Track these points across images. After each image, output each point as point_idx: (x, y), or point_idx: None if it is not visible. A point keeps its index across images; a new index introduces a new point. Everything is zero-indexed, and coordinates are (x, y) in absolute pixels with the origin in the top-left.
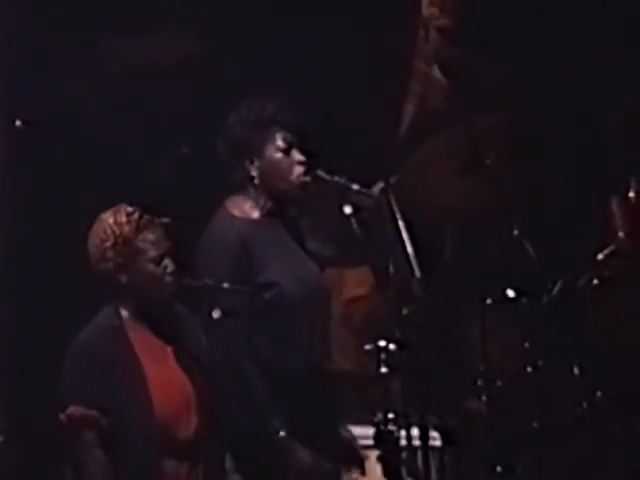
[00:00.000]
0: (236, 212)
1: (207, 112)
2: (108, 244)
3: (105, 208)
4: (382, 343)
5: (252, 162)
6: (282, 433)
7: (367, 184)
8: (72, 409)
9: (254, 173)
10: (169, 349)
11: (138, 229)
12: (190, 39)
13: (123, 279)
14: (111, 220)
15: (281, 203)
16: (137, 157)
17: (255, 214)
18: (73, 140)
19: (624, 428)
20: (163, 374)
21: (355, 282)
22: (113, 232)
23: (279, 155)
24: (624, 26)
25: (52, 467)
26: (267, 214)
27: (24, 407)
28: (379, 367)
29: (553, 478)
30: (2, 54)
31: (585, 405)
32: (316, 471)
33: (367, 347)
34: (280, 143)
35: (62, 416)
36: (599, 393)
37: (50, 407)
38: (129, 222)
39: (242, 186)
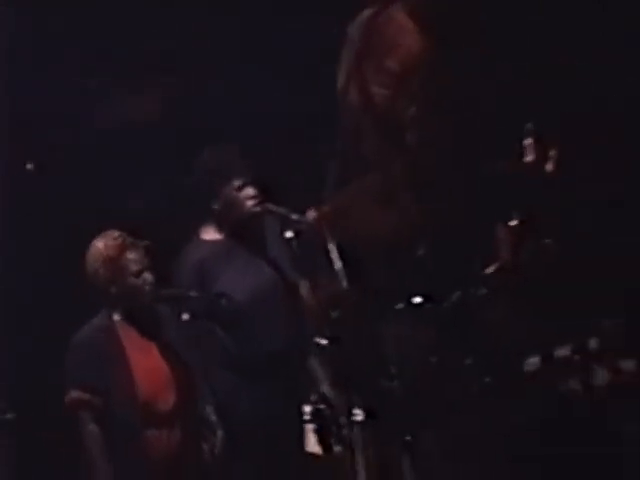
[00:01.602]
0: (205, 237)
1: (180, 156)
2: (99, 263)
3: (98, 232)
4: (316, 339)
5: (215, 198)
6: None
7: (303, 213)
8: (72, 393)
9: (216, 206)
10: (153, 344)
11: (122, 250)
12: (158, 98)
13: (113, 289)
14: (101, 244)
15: (239, 229)
16: (125, 191)
17: (218, 237)
18: (74, 180)
19: (505, 406)
20: (146, 363)
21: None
22: (102, 254)
23: (235, 192)
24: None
25: (57, 440)
26: (228, 237)
27: (34, 391)
28: (314, 357)
29: (451, 445)
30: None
31: (476, 388)
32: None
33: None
34: (235, 183)
35: (65, 398)
36: (487, 378)
37: (56, 392)
38: (115, 245)
39: (210, 216)
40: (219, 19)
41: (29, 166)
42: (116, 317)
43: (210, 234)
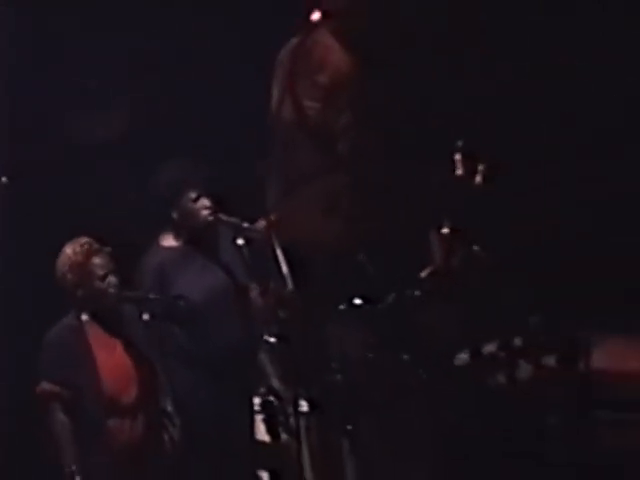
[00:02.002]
0: (164, 244)
1: (143, 171)
2: (67, 267)
3: (68, 239)
4: (265, 337)
5: (173, 208)
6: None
7: (253, 222)
8: (44, 385)
9: (174, 216)
10: (117, 341)
11: (89, 256)
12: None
13: (80, 292)
14: (69, 250)
15: (195, 236)
16: (92, 202)
17: (175, 244)
18: (47, 191)
19: (438, 398)
20: (111, 360)
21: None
22: (70, 259)
23: (191, 203)
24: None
25: (31, 428)
26: (185, 244)
27: (10, 384)
28: (264, 354)
29: (388, 434)
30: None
31: (411, 381)
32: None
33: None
34: (191, 195)
35: (37, 390)
36: (421, 372)
37: (29, 384)
38: (82, 251)
39: (168, 224)
40: (189, 34)
41: (4, 179)
42: (84, 317)
43: (169, 241)
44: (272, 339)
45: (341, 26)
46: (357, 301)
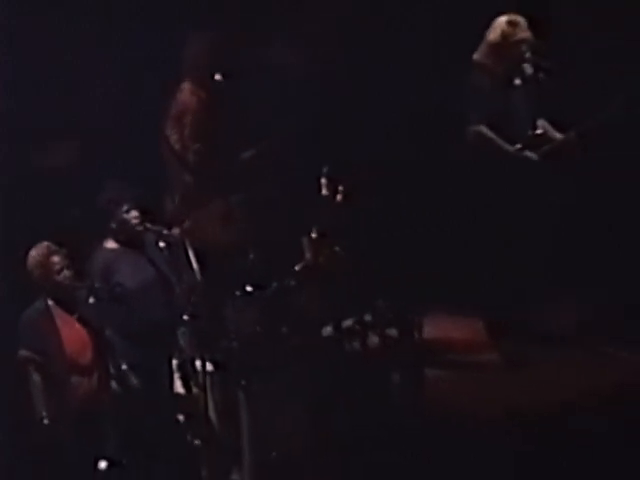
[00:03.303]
0: (107, 246)
1: (92, 189)
2: (33, 265)
3: (34, 243)
4: (182, 315)
5: (112, 219)
6: (124, 367)
7: (171, 229)
8: (21, 352)
9: (113, 225)
10: (74, 318)
11: (49, 255)
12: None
13: (44, 283)
14: (35, 252)
15: (128, 240)
16: (52, 214)
17: (115, 246)
18: (17, 205)
19: (310, 361)
20: (70, 332)
21: None
22: (35, 258)
23: (124, 214)
24: None
25: (13, 386)
26: (122, 246)
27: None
28: (182, 327)
29: (273, 388)
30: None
31: (289, 348)
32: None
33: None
34: (124, 207)
35: (17, 356)
36: (297, 341)
37: (10, 350)
38: (44, 252)
39: (110, 232)
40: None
41: None
42: (49, 302)
43: (110, 244)
44: (187, 317)
45: (199, 77)
46: (249, 288)
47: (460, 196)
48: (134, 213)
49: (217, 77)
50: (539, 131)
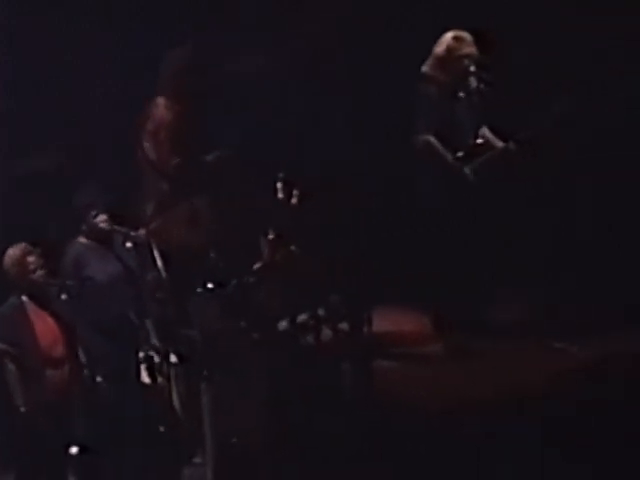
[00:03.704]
0: (80, 240)
1: (62, 194)
2: (10, 264)
3: (13, 243)
4: (149, 308)
5: (83, 221)
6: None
7: (137, 230)
8: None
9: (84, 227)
10: (46, 313)
11: (24, 255)
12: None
13: (19, 281)
14: (11, 252)
15: (99, 238)
16: (29, 217)
17: (86, 241)
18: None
19: (268, 353)
20: (44, 327)
21: None
22: (11, 258)
23: (93, 217)
24: None
25: None
26: (93, 241)
27: None
28: (149, 319)
29: (232, 378)
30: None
31: (247, 341)
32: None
33: None
34: (94, 213)
35: None
36: (255, 336)
37: None
38: (20, 253)
39: (81, 232)
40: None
41: None
42: (24, 298)
43: (82, 239)
44: (152, 311)
45: (173, 93)
46: (210, 285)
47: (407, 198)
48: (102, 216)
49: (191, 90)
50: (479, 140)
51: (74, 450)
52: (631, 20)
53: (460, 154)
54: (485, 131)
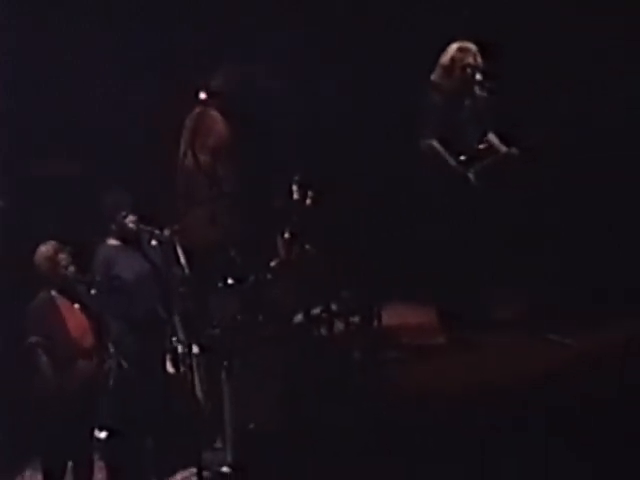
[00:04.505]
0: (108, 242)
1: (92, 197)
2: (42, 260)
3: (43, 241)
4: (174, 304)
5: (113, 222)
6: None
7: (162, 230)
8: (31, 338)
9: (114, 227)
10: (75, 307)
11: (56, 253)
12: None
13: (51, 277)
14: (43, 249)
15: (127, 238)
16: (61, 218)
17: (116, 243)
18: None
19: (283, 344)
20: (74, 320)
21: None
22: (44, 254)
23: (122, 218)
24: None
25: (23, 368)
26: (122, 243)
27: (10, 337)
28: (174, 314)
29: (251, 368)
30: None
31: (264, 333)
32: None
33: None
34: (123, 213)
35: (26, 342)
36: (271, 330)
37: (20, 338)
38: (52, 250)
39: (111, 232)
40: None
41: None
42: (53, 292)
43: (111, 241)
44: (177, 305)
45: (223, 107)
46: (230, 281)
47: (413, 201)
48: (130, 217)
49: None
50: (482, 146)
51: (102, 435)
52: (631, 20)
53: (463, 158)
54: (492, 137)
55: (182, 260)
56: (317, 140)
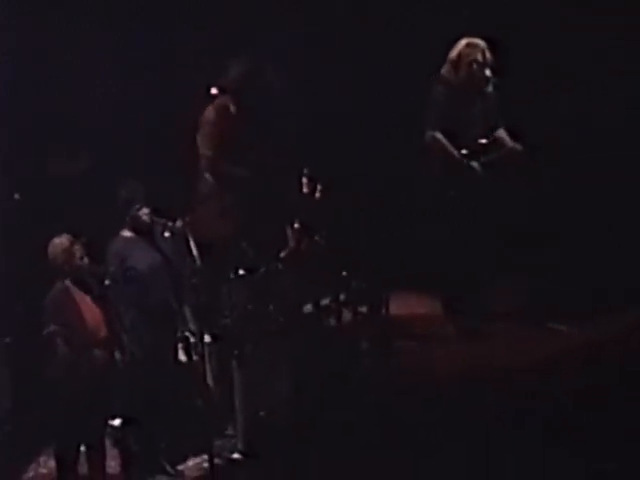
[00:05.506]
0: (123, 234)
1: (107, 190)
2: (58, 251)
3: (58, 234)
4: (186, 294)
5: (128, 214)
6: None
7: (175, 222)
8: (50, 327)
9: (128, 219)
10: (88, 297)
11: (71, 244)
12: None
13: (66, 268)
14: (58, 241)
15: (140, 230)
16: (76, 211)
17: (130, 235)
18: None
19: (293, 333)
20: (89, 310)
21: None
22: (59, 246)
23: (136, 211)
24: None
25: (42, 356)
26: (136, 234)
27: (26, 326)
28: (185, 303)
29: (261, 357)
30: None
31: (275, 323)
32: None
33: None
34: (137, 205)
35: (45, 331)
36: (281, 317)
37: (38, 326)
38: (67, 242)
39: (125, 224)
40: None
41: (16, 196)
42: (67, 283)
43: (126, 233)
44: (189, 295)
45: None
46: (241, 272)
47: (421, 192)
48: (144, 210)
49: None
50: (483, 140)
51: (116, 422)
52: (631, 20)
53: (465, 152)
54: (502, 132)
55: (194, 251)
56: (318, 138)
